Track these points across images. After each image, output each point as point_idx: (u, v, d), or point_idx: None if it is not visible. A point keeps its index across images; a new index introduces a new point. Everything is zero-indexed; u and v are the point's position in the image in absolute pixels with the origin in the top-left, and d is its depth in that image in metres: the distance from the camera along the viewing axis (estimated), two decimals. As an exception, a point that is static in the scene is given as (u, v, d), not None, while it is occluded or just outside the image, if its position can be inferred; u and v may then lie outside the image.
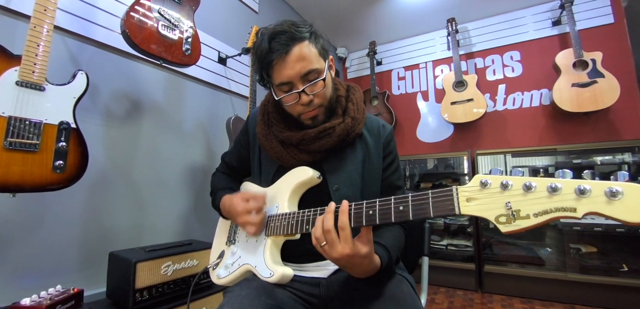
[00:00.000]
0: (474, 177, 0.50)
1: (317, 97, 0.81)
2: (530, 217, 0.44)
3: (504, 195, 0.47)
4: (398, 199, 0.60)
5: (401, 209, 0.58)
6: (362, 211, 0.64)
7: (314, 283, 0.83)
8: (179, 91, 1.79)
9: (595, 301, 2.11)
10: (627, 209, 0.38)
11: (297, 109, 0.82)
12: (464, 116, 2.68)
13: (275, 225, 0.81)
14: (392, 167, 0.91)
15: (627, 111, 2.39)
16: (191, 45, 1.41)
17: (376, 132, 0.91)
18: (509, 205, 0.46)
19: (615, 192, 0.38)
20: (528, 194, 0.45)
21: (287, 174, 0.86)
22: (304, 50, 0.78)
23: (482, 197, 0.49)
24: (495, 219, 0.47)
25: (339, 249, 0.63)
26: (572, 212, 0.41)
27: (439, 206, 0.53)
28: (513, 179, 0.46)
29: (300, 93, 0.78)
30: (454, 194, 0.52)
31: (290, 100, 0.81)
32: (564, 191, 0.42)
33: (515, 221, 0.45)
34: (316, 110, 0.82)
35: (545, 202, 0.43)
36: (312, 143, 0.83)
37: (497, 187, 0.48)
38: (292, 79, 0.78)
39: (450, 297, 2.38)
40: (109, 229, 1.44)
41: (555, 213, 0.42)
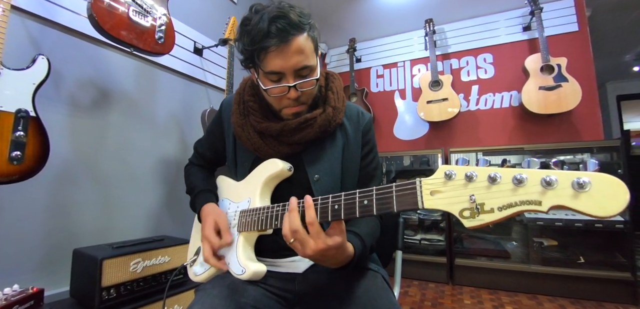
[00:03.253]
0: (439, 168, 0.46)
1: (304, 95, 0.75)
2: (495, 211, 0.41)
3: (468, 188, 0.43)
4: (363, 193, 0.56)
5: (365, 204, 0.54)
6: (328, 205, 0.60)
7: (289, 278, 0.79)
8: (152, 80, 1.69)
9: (556, 291, 2.17)
10: (594, 203, 0.35)
11: (282, 102, 0.76)
12: (439, 115, 2.69)
13: (246, 220, 0.76)
14: (369, 157, 0.87)
15: (587, 114, 2.46)
16: (164, 33, 1.32)
17: (355, 120, 0.86)
18: (473, 198, 0.42)
19: (582, 183, 0.35)
20: (492, 186, 0.41)
21: (258, 167, 0.81)
22: (303, 43, 0.71)
23: (447, 190, 0.45)
24: (459, 213, 0.44)
25: (312, 245, 0.59)
26: (537, 206, 0.38)
27: (402, 201, 0.49)
28: (478, 170, 0.42)
29: (290, 87, 0.72)
30: (417, 187, 0.48)
31: (277, 91, 0.74)
32: (530, 182, 0.39)
33: (479, 215, 0.42)
34: (301, 107, 0.77)
35: (510, 196, 0.40)
36: (292, 135, 0.77)
37: (461, 179, 0.44)
38: (285, 71, 0.71)
39: (423, 290, 2.39)
40: (74, 226, 1.34)
41: (519, 207, 0.39)
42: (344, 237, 0.61)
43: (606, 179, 0.34)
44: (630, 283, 1.98)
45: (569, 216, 2.20)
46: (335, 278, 0.76)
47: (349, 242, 0.67)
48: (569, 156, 2.37)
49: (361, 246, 0.71)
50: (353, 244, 0.68)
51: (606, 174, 0.34)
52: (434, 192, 0.46)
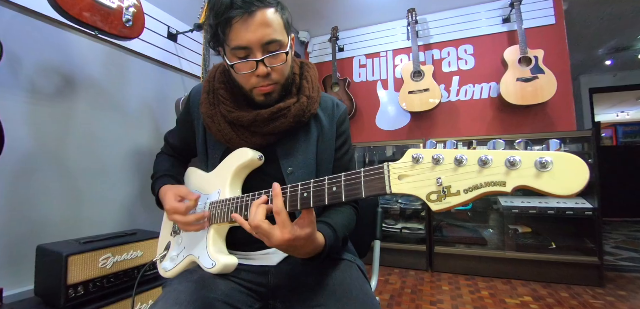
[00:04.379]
0: (408, 152, 0.45)
1: (275, 72, 0.72)
2: (461, 194, 0.40)
3: (436, 171, 0.42)
4: (332, 179, 0.54)
5: (334, 190, 0.53)
6: (297, 194, 0.58)
7: (262, 272, 0.77)
8: (122, 67, 1.60)
9: (529, 276, 2.25)
10: (556, 182, 0.34)
11: (251, 80, 0.72)
12: (420, 106, 2.71)
13: (216, 213, 0.74)
14: (344, 148, 0.86)
15: (562, 106, 2.55)
16: (133, 16, 1.24)
17: (330, 111, 0.84)
18: (440, 181, 0.41)
19: (545, 163, 0.35)
20: (459, 169, 0.40)
21: (227, 157, 0.78)
22: (270, 17, 0.68)
23: (414, 175, 0.44)
24: (427, 197, 0.43)
25: (278, 235, 0.57)
26: (502, 187, 0.37)
27: (370, 186, 0.48)
28: (445, 152, 0.42)
29: (258, 62, 0.69)
30: (385, 172, 0.47)
31: (245, 68, 0.70)
32: (495, 163, 0.38)
33: (446, 199, 0.41)
34: (272, 86, 0.73)
35: (476, 178, 0.39)
36: (265, 125, 0.74)
37: (429, 163, 0.43)
38: (252, 45, 0.68)
39: (403, 277, 2.43)
40: (38, 222, 1.26)
41: (485, 189, 0.38)
42: (314, 227, 0.60)
43: (568, 158, 0.34)
44: (597, 266, 2.08)
45: (542, 203, 2.27)
46: (310, 270, 0.74)
47: (320, 232, 0.66)
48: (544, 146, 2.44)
49: (333, 236, 0.70)
50: (324, 234, 0.67)
51: (568, 154, 0.34)
52: (402, 176, 0.45)
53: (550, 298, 1.95)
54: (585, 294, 1.98)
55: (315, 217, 0.60)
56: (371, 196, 0.48)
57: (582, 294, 1.98)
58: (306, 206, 0.57)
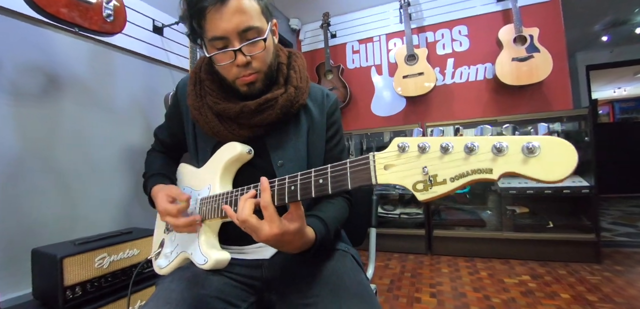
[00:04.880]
0: (393, 141, 0.44)
1: (255, 60, 0.70)
2: (447, 182, 0.39)
3: (421, 159, 0.41)
4: (318, 171, 0.53)
5: (321, 183, 0.51)
6: (284, 187, 0.57)
7: (255, 265, 0.77)
8: (107, 64, 1.57)
9: (527, 255, 2.27)
10: (543, 167, 0.33)
11: (232, 71, 0.70)
12: (415, 90, 2.69)
13: (207, 208, 0.73)
14: (335, 139, 0.84)
15: (558, 85, 2.53)
16: (114, 10, 1.20)
17: (320, 101, 0.83)
18: (426, 170, 0.40)
19: (532, 148, 0.33)
20: (445, 156, 0.39)
21: (217, 152, 0.77)
22: (245, 3, 0.66)
23: (400, 164, 0.43)
24: (413, 186, 0.41)
25: (266, 230, 0.56)
26: (489, 174, 0.36)
27: (356, 177, 0.47)
28: (431, 140, 0.40)
29: (236, 52, 0.67)
30: (370, 162, 0.45)
31: (224, 59, 0.69)
32: (481, 150, 0.37)
33: (432, 188, 0.40)
34: (254, 75, 0.71)
35: (462, 165, 0.38)
36: (252, 117, 0.73)
37: (415, 151, 0.42)
38: (228, 34, 0.66)
39: (403, 261, 2.45)
40: (32, 225, 1.25)
41: (471, 176, 0.37)
42: (303, 222, 0.59)
43: (555, 142, 0.33)
44: (594, 243, 2.10)
45: (539, 183, 2.27)
46: (303, 262, 0.74)
47: (311, 226, 0.65)
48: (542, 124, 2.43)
49: (324, 229, 0.69)
50: (315, 228, 0.66)
51: (555, 137, 0.32)
52: (388, 166, 0.44)
53: (547, 276, 1.97)
54: (582, 271, 2.00)
55: (303, 211, 0.59)
56: (357, 186, 0.47)
57: (579, 271, 2.00)
58: (293, 199, 0.56)
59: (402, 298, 1.86)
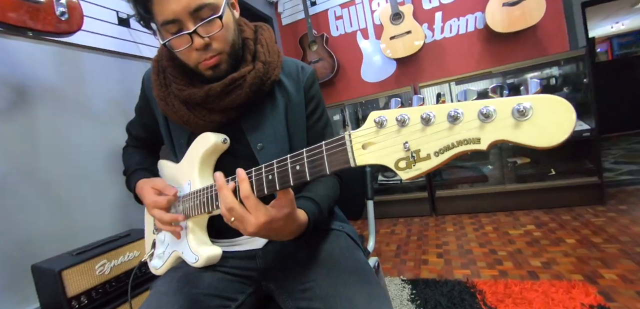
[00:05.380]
0: (369, 116, 0.39)
1: (215, 41, 0.64)
2: (431, 157, 0.34)
3: (402, 134, 0.37)
4: (295, 157, 0.49)
5: (298, 169, 0.48)
6: (262, 177, 0.54)
7: (249, 256, 0.75)
8: (76, 66, 1.49)
9: (530, 204, 2.27)
10: (538, 131, 0.29)
11: (192, 56, 0.65)
12: (404, 50, 2.59)
13: (189, 205, 0.71)
14: (316, 114, 0.80)
15: (552, 27, 2.43)
16: (67, 7, 1.11)
17: (295, 76, 0.78)
18: (407, 145, 0.36)
19: (523, 110, 0.29)
20: (427, 128, 0.35)
21: (191, 145, 0.74)
22: None
23: (379, 140, 0.39)
24: (395, 165, 0.37)
25: (252, 220, 0.53)
26: (477, 144, 0.32)
27: (333, 160, 0.43)
28: (410, 111, 0.36)
29: (191, 35, 0.61)
30: (347, 142, 0.41)
31: (180, 44, 0.63)
32: (466, 117, 0.32)
33: (415, 164, 0.36)
34: (216, 57, 0.66)
35: (446, 136, 0.33)
36: (220, 100, 0.68)
37: (393, 125, 0.37)
38: (179, 16, 0.60)
39: (409, 226, 2.47)
40: (30, 240, 1.23)
41: (458, 148, 0.33)
42: (292, 206, 0.56)
43: (548, 100, 0.28)
44: (597, 185, 2.09)
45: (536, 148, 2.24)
46: (297, 247, 0.72)
47: (302, 208, 0.62)
48: (537, 72, 2.37)
49: (316, 210, 0.66)
50: (306, 210, 0.63)
51: (548, 95, 0.28)
52: (367, 144, 0.40)
53: (552, 223, 1.97)
54: (586, 214, 2.00)
55: (293, 196, 0.55)
56: (336, 170, 0.43)
57: (583, 214, 2.00)
58: (273, 189, 0.52)
59: (410, 262, 1.88)
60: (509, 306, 1.31)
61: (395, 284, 1.66)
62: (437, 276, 1.66)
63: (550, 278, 1.45)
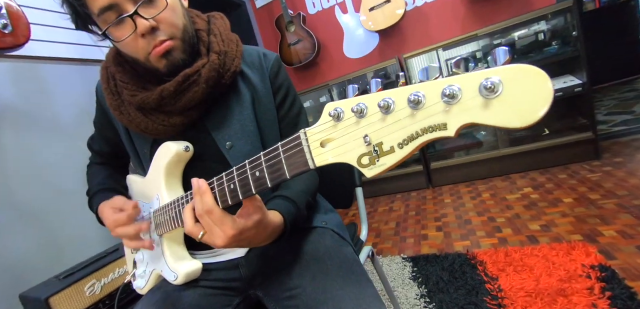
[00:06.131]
0: (324, 108, 0.34)
1: (163, 23, 0.59)
2: (395, 149, 0.30)
3: (361, 126, 0.32)
4: (253, 162, 0.44)
5: (258, 176, 0.43)
6: (224, 187, 0.50)
7: (232, 266, 0.71)
8: (36, 79, 1.42)
9: (526, 166, 2.26)
10: (510, 109, 0.24)
11: (139, 45, 0.59)
12: (385, 21, 2.50)
13: (161, 221, 0.67)
14: (287, 102, 0.76)
15: (538, -22, 2.35)
16: (9, 18, 1.03)
17: (258, 65, 0.73)
18: (368, 139, 0.31)
19: (492, 86, 0.24)
20: (387, 116, 0.30)
21: (154, 156, 0.69)
22: None
23: (338, 136, 0.34)
24: (358, 161, 0.33)
25: (220, 234, 0.49)
26: (443, 131, 0.28)
27: (292, 163, 0.39)
28: (367, 99, 0.31)
29: (133, 18, 0.55)
30: (303, 142, 0.37)
31: (123, 32, 0.57)
32: (428, 100, 0.28)
33: (379, 160, 0.31)
34: (168, 42, 0.60)
35: (409, 124, 0.29)
36: (176, 100, 0.63)
37: (351, 117, 0.33)
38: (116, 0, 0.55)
39: (406, 201, 2.46)
40: (17, 268, 1.20)
41: (423, 137, 0.29)
42: (261, 212, 0.52)
43: (518, 71, 0.24)
44: (591, 140, 2.07)
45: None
46: (281, 250, 0.69)
47: (275, 210, 0.59)
48: (524, 29, 2.31)
49: (293, 208, 0.63)
50: (281, 210, 0.60)
51: (518, 65, 0.23)
52: (325, 141, 0.35)
53: (548, 183, 1.96)
54: (582, 171, 1.99)
55: (261, 201, 0.52)
56: (297, 174, 0.38)
57: (579, 172, 1.99)
58: (237, 199, 0.48)
59: (410, 238, 1.87)
60: (510, 274, 1.31)
61: (396, 264, 1.65)
62: (438, 250, 1.66)
63: (549, 241, 1.44)
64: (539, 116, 0.23)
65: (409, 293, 1.41)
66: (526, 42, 2.32)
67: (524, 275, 1.28)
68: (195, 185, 0.50)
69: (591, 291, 1.11)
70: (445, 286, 1.37)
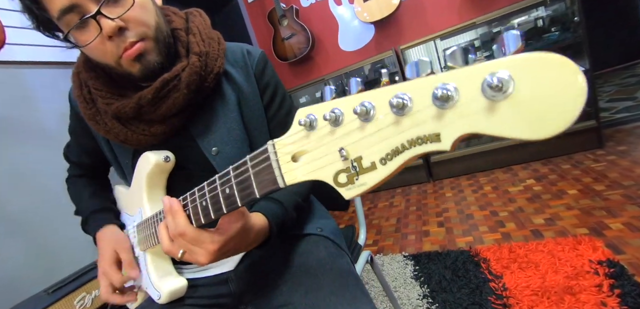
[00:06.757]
0: (295, 115, 0.29)
1: (132, 23, 0.53)
2: (377, 166, 0.24)
3: (336, 136, 0.26)
4: (223, 178, 0.39)
5: (228, 193, 0.38)
6: (196, 205, 0.44)
7: (220, 281, 0.67)
8: (17, 86, 1.36)
9: (528, 157, 2.20)
10: (526, 114, 0.18)
11: (107, 49, 0.53)
12: (380, 11, 2.42)
13: (144, 236, 0.63)
14: (275, 102, 0.70)
15: (537, -38, 2.27)
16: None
17: (242, 64, 0.68)
18: (344, 153, 0.25)
19: (498, 84, 0.18)
20: (366, 125, 0.24)
21: (135, 169, 0.64)
22: None
23: (312, 148, 0.28)
24: (334, 179, 0.27)
25: (201, 252, 0.45)
26: (436, 143, 0.22)
27: (261, 181, 0.33)
28: (342, 103, 0.25)
29: (96, 19, 0.49)
30: (271, 156, 0.31)
31: (88, 35, 0.51)
32: (416, 104, 0.22)
33: (358, 178, 0.26)
34: (139, 44, 0.54)
35: (393, 134, 0.23)
36: (155, 108, 0.57)
37: (325, 125, 0.27)
38: (76, 1, 0.49)
39: (407, 195, 2.41)
40: (8, 281, 1.17)
41: (410, 151, 0.23)
42: (244, 219, 0.47)
43: (536, 62, 0.17)
44: (595, 129, 2.00)
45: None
46: (272, 263, 0.65)
47: (260, 211, 0.54)
48: (524, 16, 2.23)
49: (279, 210, 0.58)
50: (265, 212, 0.55)
51: (534, 54, 0.17)
52: (298, 154, 0.29)
53: (552, 174, 1.90)
54: (586, 160, 1.93)
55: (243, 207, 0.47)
56: (267, 193, 0.33)
57: (583, 161, 1.93)
58: (209, 218, 0.43)
59: (411, 235, 1.82)
60: (515, 272, 1.25)
61: (397, 262, 1.60)
62: (440, 247, 1.60)
63: (554, 235, 1.39)
64: (568, 122, 0.17)
65: (411, 293, 1.36)
66: (525, 29, 2.24)
67: (529, 272, 1.22)
68: (166, 204, 0.46)
69: (600, 289, 1.06)
70: (448, 285, 1.32)
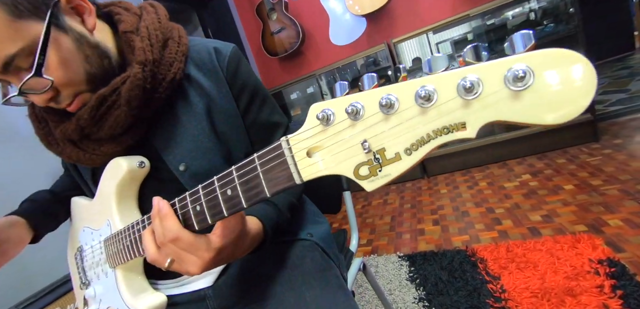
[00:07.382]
0: (310, 110, 0.30)
1: (60, 87, 0.51)
2: (402, 156, 0.26)
3: (357, 129, 0.28)
4: (223, 179, 0.39)
5: (230, 195, 0.38)
6: (188, 210, 0.44)
7: (198, 297, 0.65)
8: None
9: (523, 152, 2.27)
10: (546, 102, 0.20)
11: (41, 104, 0.53)
12: (371, 4, 2.45)
13: (114, 251, 0.61)
14: (255, 103, 0.67)
15: (530, -48, 2.34)
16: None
17: (209, 65, 0.63)
18: (367, 145, 0.27)
19: (522, 76, 0.20)
20: (391, 117, 0.26)
21: (102, 177, 0.62)
22: None
23: (329, 143, 0.29)
24: (355, 173, 0.29)
25: (193, 260, 0.44)
26: (461, 131, 0.23)
27: (272, 178, 0.34)
28: (364, 97, 0.27)
29: (23, 97, 0.51)
30: (285, 151, 0.32)
31: (17, 99, 0.52)
32: (442, 95, 0.23)
33: (382, 169, 0.27)
34: (77, 101, 0.53)
35: (418, 125, 0.25)
36: (98, 128, 0.56)
37: (344, 119, 0.28)
38: None
39: (401, 193, 2.45)
40: None
41: (436, 140, 0.24)
42: (243, 221, 0.47)
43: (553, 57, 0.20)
44: (590, 122, 2.09)
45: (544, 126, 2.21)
46: (254, 277, 0.63)
47: (255, 215, 0.54)
48: (518, 8, 2.30)
49: (274, 213, 0.58)
50: (260, 216, 0.54)
51: (553, 49, 0.20)
52: (313, 150, 0.30)
53: (547, 169, 1.97)
54: (581, 155, 2.01)
55: (243, 212, 0.47)
56: (279, 191, 0.33)
57: (579, 155, 2.00)
58: (205, 223, 0.43)
59: (406, 234, 1.86)
60: (513, 272, 1.28)
61: (392, 263, 1.63)
62: (435, 246, 1.64)
63: (552, 232, 1.43)
64: (583, 107, 0.20)
65: (407, 296, 1.38)
66: (519, 21, 2.32)
67: (527, 273, 1.25)
68: (155, 206, 0.45)
69: (601, 290, 1.08)
70: (444, 288, 1.34)
